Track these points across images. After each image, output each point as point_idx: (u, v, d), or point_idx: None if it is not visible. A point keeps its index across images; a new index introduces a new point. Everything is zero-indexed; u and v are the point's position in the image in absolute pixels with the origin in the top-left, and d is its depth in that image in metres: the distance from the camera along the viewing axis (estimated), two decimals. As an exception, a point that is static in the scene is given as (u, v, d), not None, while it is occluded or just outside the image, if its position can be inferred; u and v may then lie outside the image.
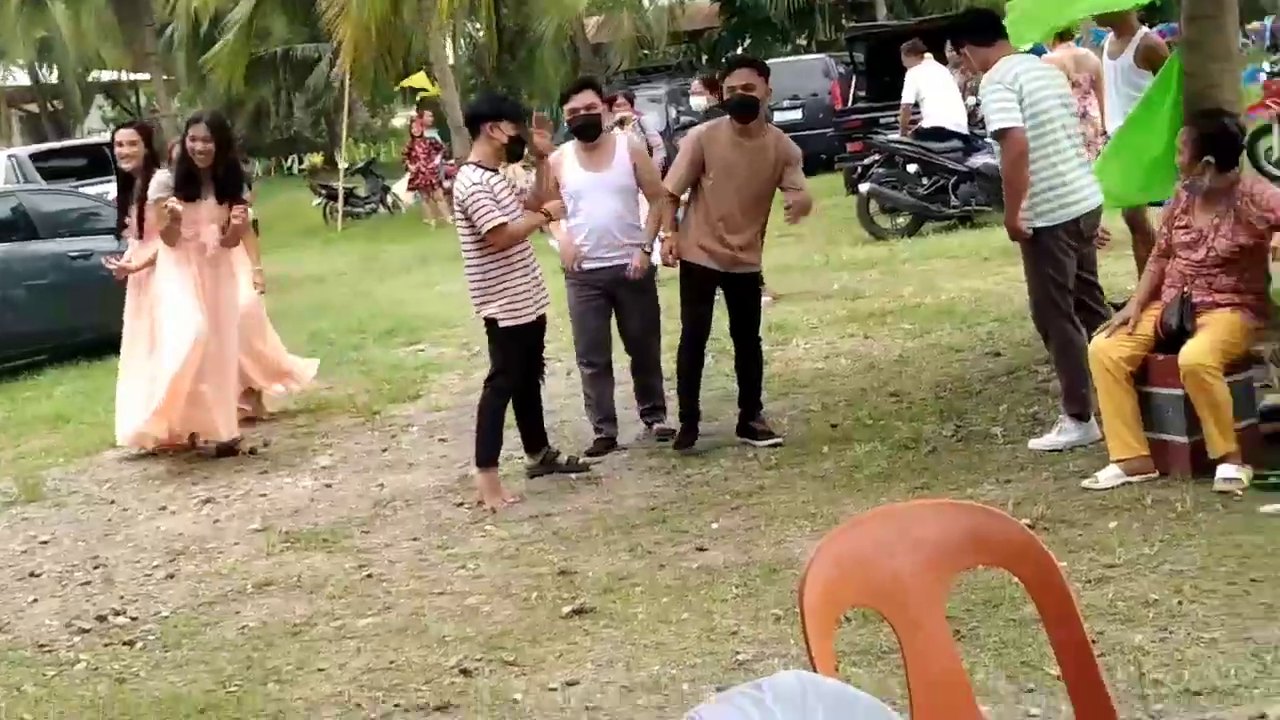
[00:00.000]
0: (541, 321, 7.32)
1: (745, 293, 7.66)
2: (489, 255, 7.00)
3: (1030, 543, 2.73)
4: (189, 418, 8.58)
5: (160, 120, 27.71)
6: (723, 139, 7.46)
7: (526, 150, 7.36)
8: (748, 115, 7.40)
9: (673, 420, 7.86)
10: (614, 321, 8.02)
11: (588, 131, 7.69)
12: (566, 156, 7.78)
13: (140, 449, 8.86)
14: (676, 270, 7.70)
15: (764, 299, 9.05)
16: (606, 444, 7.85)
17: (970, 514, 2.82)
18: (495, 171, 7.11)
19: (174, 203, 8.18)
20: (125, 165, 8.87)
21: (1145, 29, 8.74)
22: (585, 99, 7.64)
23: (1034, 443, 6.83)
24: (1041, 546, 2.73)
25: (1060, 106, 6.81)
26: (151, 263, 8.65)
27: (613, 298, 7.81)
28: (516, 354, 7.22)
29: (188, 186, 8.33)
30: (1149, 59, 8.29)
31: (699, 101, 14.06)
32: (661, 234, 7.71)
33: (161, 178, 8.45)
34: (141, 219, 8.77)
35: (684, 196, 7.58)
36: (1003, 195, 6.98)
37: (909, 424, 7.48)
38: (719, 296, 7.70)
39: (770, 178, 7.44)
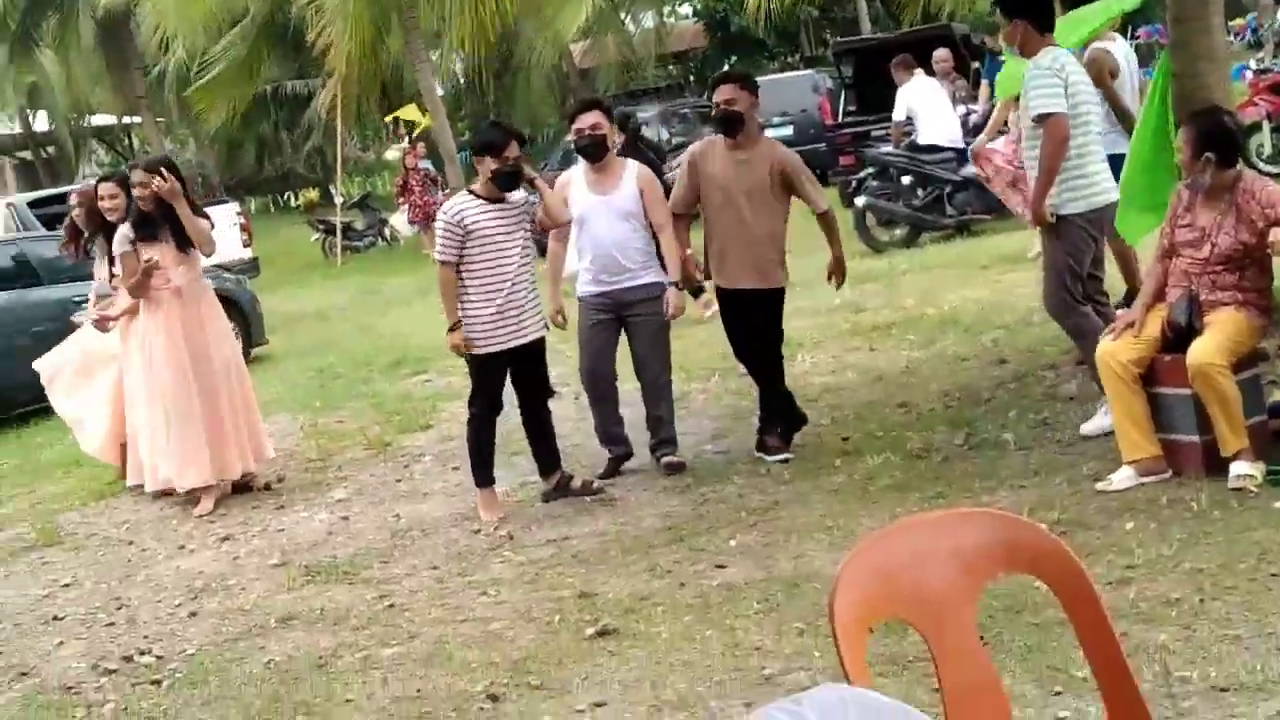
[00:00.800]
0: (528, 349, 7.37)
1: (764, 309, 7.69)
2: (461, 283, 7.16)
3: (1058, 549, 2.78)
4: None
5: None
6: (716, 155, 7.56)
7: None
8: (733, 129, 7.49)
9: (683, 453, 7.82)
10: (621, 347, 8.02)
11: (593, 152, 7.67)
12: (574, 179, 7.81)
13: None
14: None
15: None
16: (617, 464, 7.86)
17: (998, 522, 2.86)
18: (497, 201, 7.18)
19: (144, 257, 8.25)
20: (110, 217, 8.82)
21: (1095, 43, 8.78)
22: (591, 119, 7.64)
23: (1084, 427, 7.00)
24: (1069, 552, 2.77)
25: (1094, 102, 7.06)
26: (134, 310, 8.64)
27: (620, 321, 7.79)
28: (487, 381, 7.40)
29: (143, 229, 8.35)
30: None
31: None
32: (683, 255, 7.77)
33: (123, 230, 8.44)
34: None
35: None
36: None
37: (920, 434, 7.53)
38: None
39: (769, 187, 7.48)
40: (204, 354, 8.48)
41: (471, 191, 7.30)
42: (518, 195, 7.35)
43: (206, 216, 8.53)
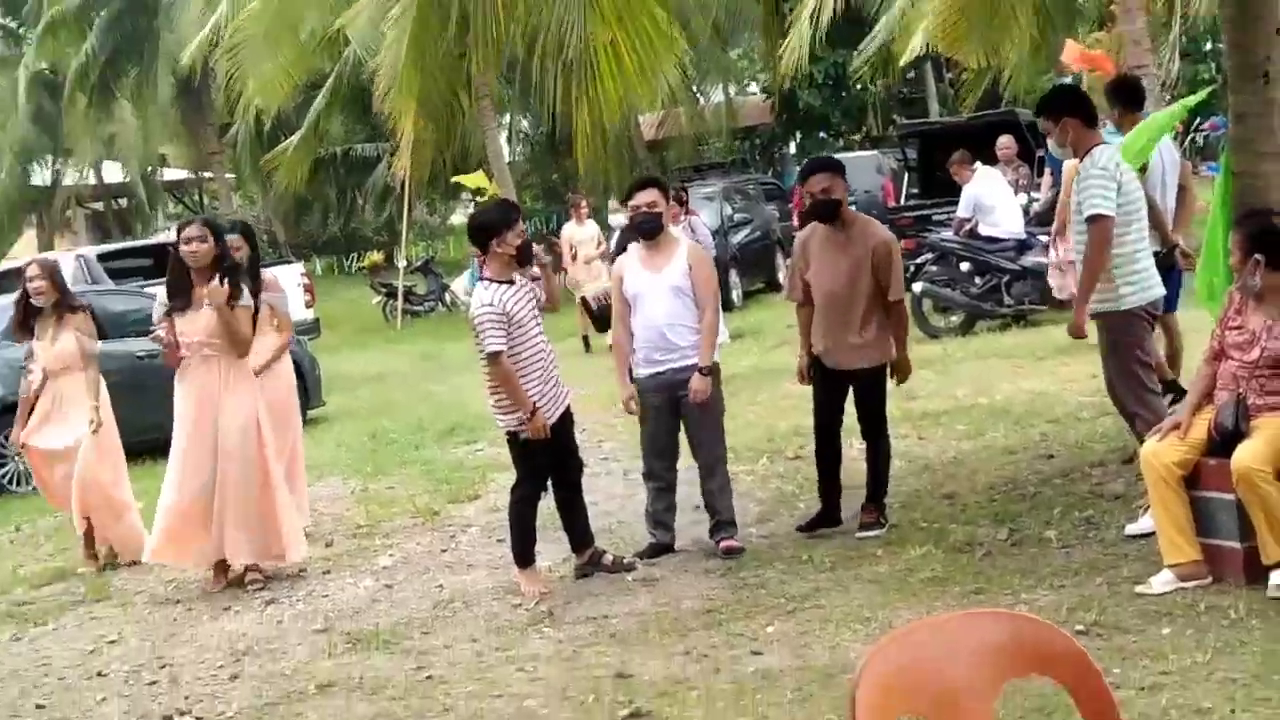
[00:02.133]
0: (561, 420, 7.47)
1: (864, 386, 7.81)
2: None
3: (1076, 652, 2.82)
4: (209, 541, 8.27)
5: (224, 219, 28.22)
6: (817, 239, 7.78)
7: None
8: (832, 217, 7.69)
9: (742, 536, 7.83)
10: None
11: (649, 229, 7.79)
12: (630, 257, 7.93)
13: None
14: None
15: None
16: (656, 551, 7.87)
17: (1017, 624, 2.92)
18: (510, 283, 7.31)
19: (163, 331, 8.13)
20: (192, 262, 8.24)
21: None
22: (648, 197, 7.75)
23: (1130, 527, 7.01)
24: (1087, 656, 2.81)
25: (1142, 198, 7.23)
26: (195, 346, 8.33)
27: (675, 402, 7.80)
28: (537, 457, 7.47)
29: (178, 297, 8.18)
30: None
31: (617, 219, 14.47)
32: (799, 352, 7.98)
33: (160, 296, 8.34)
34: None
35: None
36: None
37: (963, 527, 7.54)
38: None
39: (865, 269, 7.61)
40: (214, 428, 8.21)
41: (486, 278, 7.39)
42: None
43: (253, 280, 8.40)
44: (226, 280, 8.10)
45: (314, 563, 8.65)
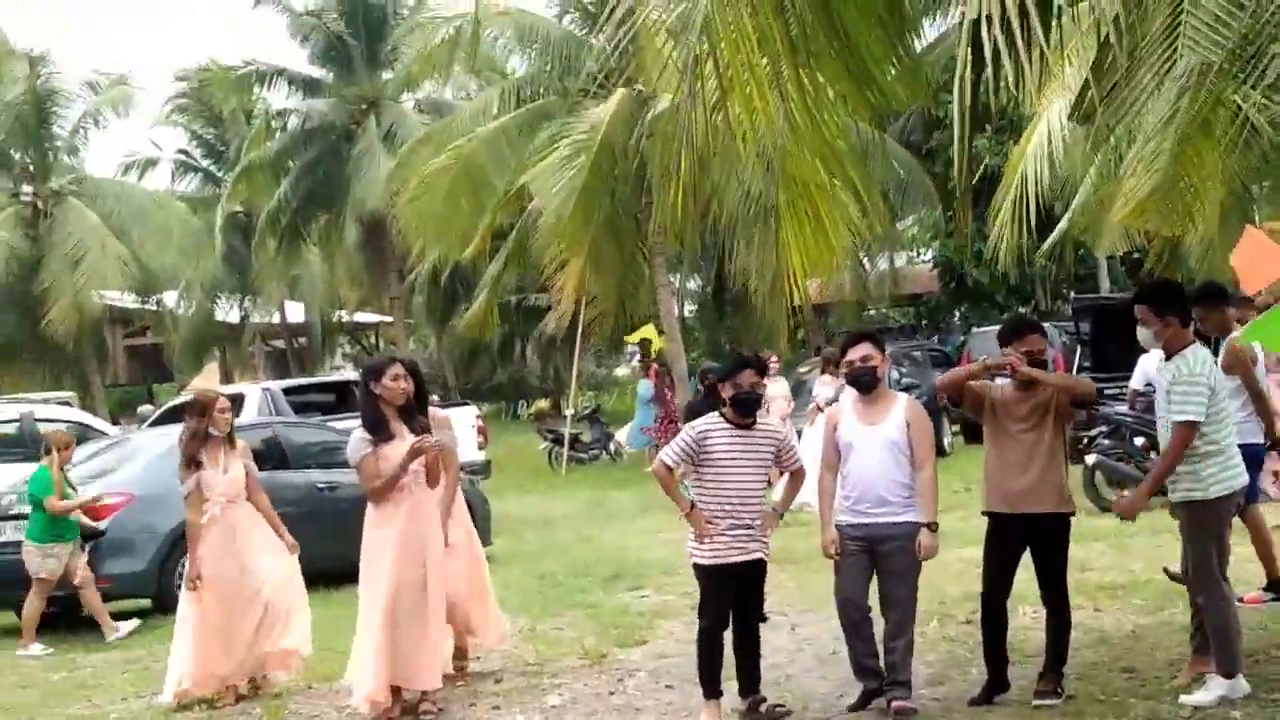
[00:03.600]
0: (748, 568, 7.68)
1: (1045, 536, 7.81)
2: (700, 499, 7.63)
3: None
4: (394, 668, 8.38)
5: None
6: (846, 409, 8.05)
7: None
8: (871, 387, 7.85)
9: (914, 699, 7.71)
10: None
11: (866, 383, 7.87)
12: (844, 407, 8.07)
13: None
14: None
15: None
16: (868, 698, 7.79)
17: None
18: (741, 426, 7.65)
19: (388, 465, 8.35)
20: (393, 400, 8.51)
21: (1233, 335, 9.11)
22: (862, 350, 7.84)
23: (1185, 698, 7.24)
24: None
25: (1228, 395, 7.69)
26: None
27: (873, 555, 7.79)
28: (709, 591, 7.72)
29: (380, 430, 8.45)
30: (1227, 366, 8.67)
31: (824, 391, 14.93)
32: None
33: (358, 434, 8.55)
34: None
35: None
36: None
37: (1144, 702, 7.41)
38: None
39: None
40: (428, 556, 8.49)
41: (722, 414, 7.73)
42: (773, 425, 7.85)
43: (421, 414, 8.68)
44: (417, 418, 8.54)
45: (483, 698, 8.77)
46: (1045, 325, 23.44)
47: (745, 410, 7.70)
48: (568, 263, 24.46)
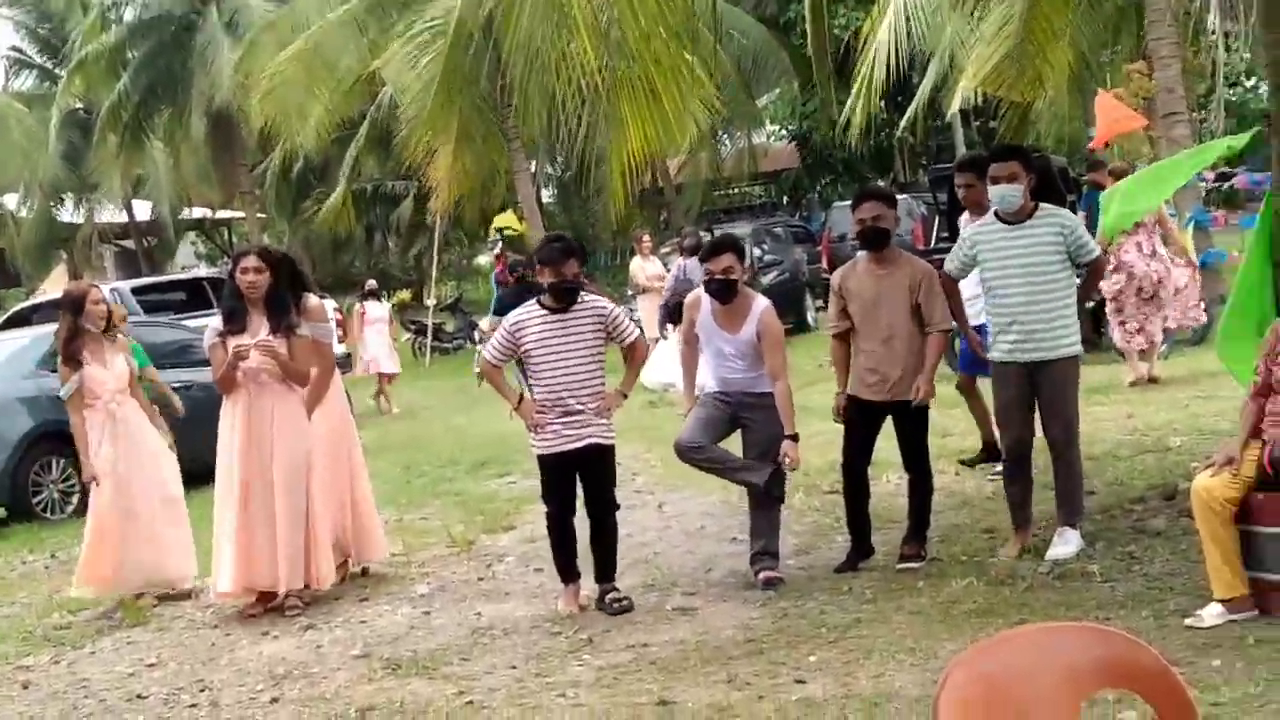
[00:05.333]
0: (585, 454, 7.55)
1: (908, 419, 7.80)
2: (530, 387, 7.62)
3: (1166, 671, 2.80)
4: (249, 570, 8.24)
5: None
6: (859, 272, 7.80)
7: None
8: (879, 245, 7.71)
9: (781, 568, 7.79)
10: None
11: (724, 294, 7.73)
12: (704, 300, 7.85)
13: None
14: None
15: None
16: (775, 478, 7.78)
17: (1106, 639, 2.91)
18: (559, 310, 7.56)
19: (244, 348, 8.07)
20: (250, 293, 8.24)
21: None
22: (724, 262, 7.67)
23: (1051, 552, 7.39)
24: (1173, 673, 2.79)
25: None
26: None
27: (735, 421, 7.83)
28: (547, 479, 7.69)
29: (233, 320, 8.22)
30: None
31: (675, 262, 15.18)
32: (837, 389, 7.96)
33: (212, 322, 8.39)
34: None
35: None
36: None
37: (1004, 560, 7.50)
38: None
39: (910, 301, 7.65)
40: (263, 453, 8.22)
41: (540, 302, 7.59)
42: (600, 302, 7.67)
43: (324, 295, 8.39)
44: (280, 312, 8.21)
45: (350, 590, 8.66)
46: (903, 197, 23.47)
47: (562, 298, 7.51)
48: (435, 151, 24.02)
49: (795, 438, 7.68)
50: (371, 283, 22.46)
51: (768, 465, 7.68)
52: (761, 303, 7.84)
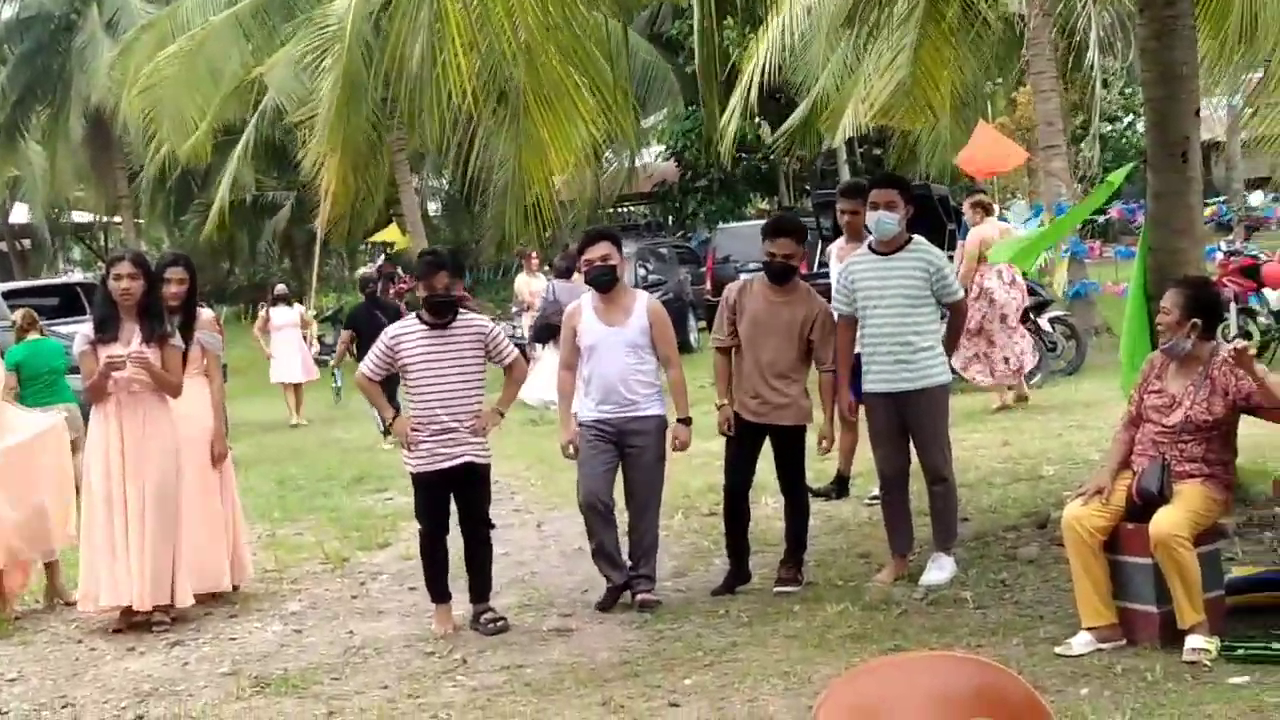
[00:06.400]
0: (457, 474, 7.45)
1: (787, 443, 7.84)
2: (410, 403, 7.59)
3: (1034, 701, 2.82)
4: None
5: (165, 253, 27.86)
6: (755, 292, 7.82)
7: None
8: (787, 280, 7.78)
9: (658, 591, 7.77)
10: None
11: (603, 283, 7.75)
12: (584, 307, 7.84)
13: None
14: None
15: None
16: (614, 595, 7.73)
17: (977, 669, 2.92)
18: (438, 326, 7.50)
19: (117, 358, 7.82)
20: (123, 301, 7.99)
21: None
22: (602, 250, 7.70)
23: (926, 578, 7.49)
24: (1043, 704, 2.81)
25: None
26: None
27: (619, 449, 7.75)
28: (420, 498, 7.62)
29: (105, 329, 7.99)
30: None
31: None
32: (717, 402, 7.94)
33: (82, 329, 8.16)
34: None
35: None
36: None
37: (879, 585, 7.55)
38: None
39: (800, 331, 7.71)
40: (134, 466, 7.99)
41: (419, 316, 7.54)
42: (480, 321, 7.69)
43: (210, 305, 8.25)
44: (154, 321, 8.00)
45: (220, 605, 8.49)
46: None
47: (437, 312, 7.45)
48: (324, 161, 23.69)
49: (688, 421, 7.81)
50: (281, 287, 22.06)
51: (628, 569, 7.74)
52: (643, 294, 8.00)
